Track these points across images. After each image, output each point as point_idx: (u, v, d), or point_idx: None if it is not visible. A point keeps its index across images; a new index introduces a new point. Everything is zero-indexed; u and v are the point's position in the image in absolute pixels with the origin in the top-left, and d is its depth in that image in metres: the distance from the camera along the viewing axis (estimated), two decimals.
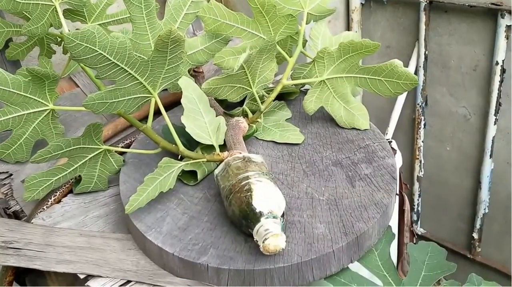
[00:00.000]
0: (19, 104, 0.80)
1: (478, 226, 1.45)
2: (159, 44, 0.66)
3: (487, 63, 1.25)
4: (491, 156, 1.32)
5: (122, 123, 0.95)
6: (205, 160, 0.75)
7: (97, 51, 0.62)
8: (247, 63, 0.77)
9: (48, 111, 0.83)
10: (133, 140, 0.92)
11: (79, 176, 0.82)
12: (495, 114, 1.26)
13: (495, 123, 1.27)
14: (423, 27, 1.30)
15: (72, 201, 0.83)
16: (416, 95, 1.42)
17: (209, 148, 0.81)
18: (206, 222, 0.72)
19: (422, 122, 1.45)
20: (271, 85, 0.89)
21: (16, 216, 0.84)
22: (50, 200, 0.82)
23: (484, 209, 1.42)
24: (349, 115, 0.88)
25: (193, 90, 0.79)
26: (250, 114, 0.86)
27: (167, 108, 0.92)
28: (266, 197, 0.66)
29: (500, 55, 1.18)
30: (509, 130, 1.28)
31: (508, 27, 1.15)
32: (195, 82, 0.91)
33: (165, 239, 0.69)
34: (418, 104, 1.42)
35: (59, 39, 1.01)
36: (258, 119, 0.86)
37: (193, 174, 0.79)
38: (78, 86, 1.01)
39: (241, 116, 0.86)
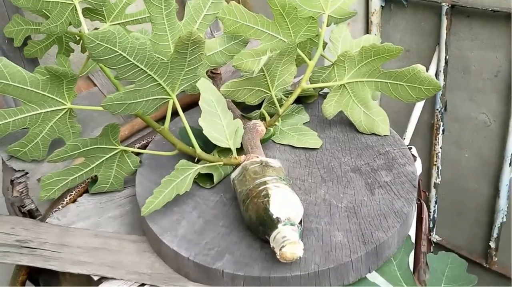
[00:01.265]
0: (37, 103, 0.80)
1: (495, 234, 1.43)
2: (179, 45, 0.65)
3: (510, 69, 1.23)
4: (510, 164, 1.30)
5: (139, 123, 0.95)
6: (222, 163, 0.74)
7: (117, 52, 0.61)
8: (266, 66, 0.76)
9: (65, 110, 0.82)
10: (150, 141, 0.91)
11: (95, 175, 0.81)
12: None
13: None
14: (444, 31, 1.28)
15: (88, 201, 0.83)
16: (435, 100, 1.39)
17: (226, 151, 0.80)
18: (222, 227, 0.71)
19: (441, 128, 1.42)
20: (289, 88, 0.88)
21: (31, 214, 0.84)
22: (65, 200, 0.82)
23: (502, 217, 1.39)
24: (369, 120, 0.87)
25: (211, 92, 0.78)
26: (267, 118, 0.85)
27: (184, 110, 0.92)
28: (284, 203, 0.64)
29: None
30: None
31: None
32: (213, 84, 0.90)
33: (181, 243, 0.69)
34: (437, 109, 1.40)
35: (77, 38, 1.01)
36: (276, 123, 0.85)
37: (209, 177, 0.78)
38: (96, 85, 1.01)
39: (258, 120, 0.85)
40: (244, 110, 0.90)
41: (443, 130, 1.43)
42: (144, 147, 0.91)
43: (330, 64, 0.88)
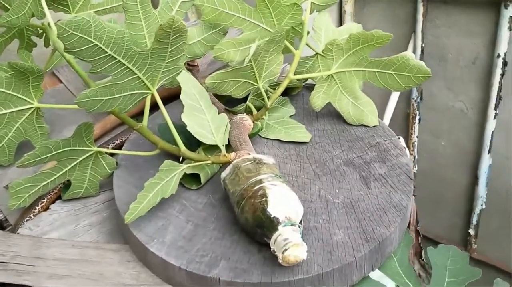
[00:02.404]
0: (1, 103, 0.73)
1: (474, 222, 1.42)
2: (160, 34, 0.59)
3: (488, 56, 1.22)
4: (489, 151, 1.29)
5: (112, 121, 0.88)
6: (210, 161, 0.69)
7: (93, 42, 0.55)
8: (254, 55, 0.71)
9: (32, 109, 0.75)
10: (124, 141, 0.85)
11: (68, 180, 0.74)
12: (495, 108, 1.23)
13: (494, 118, 1.24)
14: (420, 18, 1.26)
15: (61, 208, 0.76)
16: (411, 90, 1.38)
17: (212, 148, 0.75)
18: (213, 230, 0.66)
19: (417, 117, 1.41)
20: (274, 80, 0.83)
21: (1, 225, 0.76)
22: (37, 208, 0.75)
23: (481, 204, 1.39)
24: (357, 112, 0.83)
25: (193, 85, 0.72)
26: (254, 111, 0.80)
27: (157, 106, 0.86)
28: (283, 203, 0.60)
29: (502, 48, 1.15)
30: (509, 124, 1.25)
31: (511, 18, 1.11)
32: None
33: (170, 250, 0.63)
34: (413, 98, 1.38)
35: (40, 31, 0.93)
36: (264, 117, 0.80)
37: (195, 177, 0.73)
38: (61, 82, 0.93)
39: (244, 114, 0.80)
40: (227, 104, 0.85)
41: (419, 120, 1.41)
42: (119, 147, 0.84)
43: (314, 54, 0.84)
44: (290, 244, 0.56)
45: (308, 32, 0.87)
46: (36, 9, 0.79)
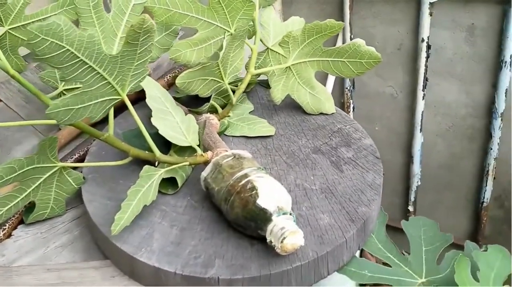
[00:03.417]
0: None
1: (412, 198, 1.51)
2: (130, 36, 0.57)
3: (411, 41, 1.30)
4: (421, 130, 1.38)
5: (65, 136, 0.83)
6: (187, 163, 0.68)
7: (64, 47, 0.52)
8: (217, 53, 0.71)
9: None
10: (83, 154, 0.80)
11: (30, 202, 0.69)
12: (423, 90, 1.32)
13: (423, 98, 1.33)
14: (347, 11, 1.32)
15: (26, 233, 0.70)
16: (344, 80, 1.44)
17: (183, 150, 0.73)
18: (200, 231, 0.65)
19: (351, 106, 1.47)
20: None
21: None
22: None
23: (417, 181, 1.48)
24: (315, 101, 0.85)
25: (157, 89, 0.71)
26: (219, 110, 0.79)
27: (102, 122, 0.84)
28: (272, 193, 0.60)
29: (425, 32, 1.24)
30: (436, 103, 1.35)
31: (431, 4, 1.20)
32: None
33: (160, 257, 0.61)
34: (347, 88, 1.44)
35: None
36: (230, 114, 0.80)
37: (170, 181, 0.71)
38: (0, 100, 0.86)
39: (208, 113, 0.79)
40: (186, 106, 0.83)
41: (353, 108, 1.48)
42: (79, 161, 0.80)
43: (264, 49, 0.86)
44: (287, 232, 0.57)
45: None
46: None
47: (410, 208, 1.54)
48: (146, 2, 0.76)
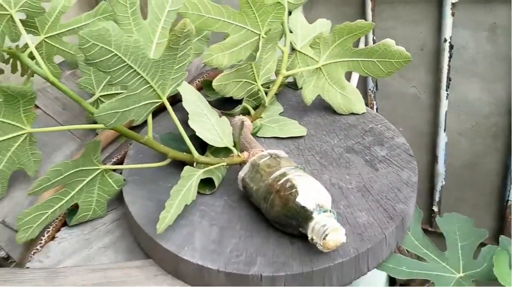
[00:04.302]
0: None
1: (437, 198, 1.51)
2: (172, 40, 0.59)
3: (434, 42, 1.31)
4: (444, 130, 1.38)
5: (102, 141, 0.85)
6: (224, 163, 0.69)
7: (112, 52, 0.54)
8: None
9: (25, 136, 0.71)
10: (121, 158, 0.82)
11: (72, 205, 0.71)
12: (446, 89, 1.32)
13: (446, 98, 1.33)
14: (369, 13, 1.33)
15: (69, 235, 0.72)
16: (367, 81, 1.44)
17: (217, 152, 0.75)
18: (240, 230, 0.66)
19: (375, 107, 1.48)
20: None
21: (0, 265, 0.71)
22: (43, 238, 0.71)
23: (442, 181, 1.48)
24: (345, 101, 0.87)
25: (192, 92, 0.72)
26: (252, 111, 0.81)
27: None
28: (312, 191, 0.61)
29: (447, 32, 1.24)
30: (459, 103, 1.35)
31: (453, 4, 1.21)
32: None
33: (203, 256, 0.62)
34: (370, 89, 1.45)
35: (6, 57, 0.88)
36: (262, 115, 0.81)
37: (207, 182, 0.72)
38: (38, 107, 0.89)
39: (241, 115, 0.81)
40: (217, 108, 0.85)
41: (376, 109, 1.49)
42: (118, 164, 0.82)
43: (292, 51, 0.87)
44: (329, 229, 0.58)
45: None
46: (10, 31, 0.75)
47: (435, 208, 1.53)
48: (180, 8, 0.78)
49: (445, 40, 1.26)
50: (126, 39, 0.55)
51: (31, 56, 0.79)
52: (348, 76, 1.43)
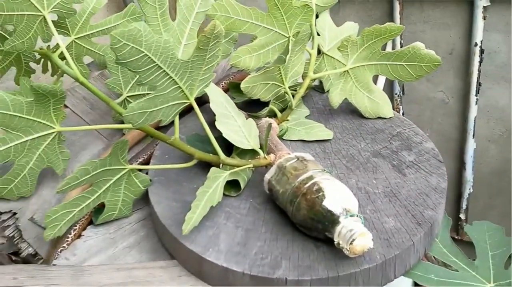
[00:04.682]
0: (21, 130, 0.69)
1: (464, 206, 1.48)
2: (202, 41, 0.59)
3: (463, 46, 1.28)
4: (473, 136, 1.35)
5: (130, 140, 0.86)
6: (251, 165, 0.69)
7: (143, 52, 0.54)
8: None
9: (54, 134, 0.72)
10: (147, 158, 0.83)
11: (98, 204, 0.72)
12: (476, 95, 1.29)
13: (476, 104, 1.30)
14: (397, 16, 1.31)
15: (95, 234, 0.73)
16: (393, 85, 1.43)
17: (243, 154, 0.75)
18: (265, 233, 0.65)
19: (401, 111, 1.46)
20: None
21: (27, 261, 0.72)
22: (69, 236, 0.71)
23: (469, 188, 1.45)
24: (373, 105, 0.85)
25: (219, 94, 0.72)
26: (279, 114, 0.80)
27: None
28: (339, 196, 0.61)
29: (478, 36, 1.22)
30: (489, 108, 1.32)
31: (484, 8, 1.18)
32: None
33: (228, 257, 0.62)
34: (396, 93, 1.43)
35: (37, 57, 0.90)
36: (288, 118, 0.81)
37: (232, 184, 0.72)
38: (67, 106, 0.90)
39: (267, 117, 0.80)
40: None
41: (403, 113, 1.46)
42: (143, 164, 0.82)
43: (320, 54, 0.86)
44: (356, 234, 0.57)
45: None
46: (42, 32, 0.77)
47: (462, 216, 1.50)
48: (208, 10, 0.78)
49: (476, 44, 1.23)
50: (157, 40, 0.55)
51: (62, 57, 0.81)
52: (375, 80, 1.42)
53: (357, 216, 0.59)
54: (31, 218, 0.73)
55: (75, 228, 0.72)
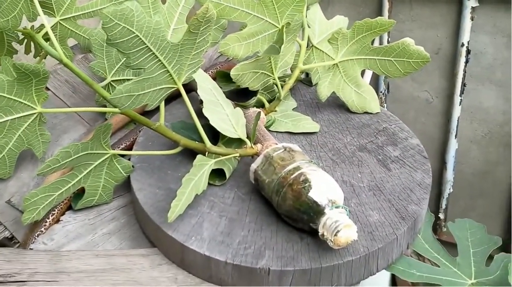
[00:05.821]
0: (1, 109, 0.67)
1: (444, 205, 1.49)
2: (193, 25, 0.58)
3: (450, 46, 1.29)
4: (456, 136, 1.37)
5: (113, 125, 0.84)
6: (237, 155, 0.68)
7: (134, 33, 0.53)
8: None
9: (35, 115, 0.70)
10: (130, 144, 0.81)
11: (78, 189, 0.70)
12: (460, 95, 1.30)
13: (460, 104, 1.32)
14: (386, 14, 1.32)
15: (74, 219, 0.71)
16: (378, 83, 1.43)
17: (229, 143, 0.74)
18: (249, 223, 0.65)
19: (386, 110, 1.46)
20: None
21: (3, 245, 0.70)
22: (48, 220, 0.69)
23: (449, 188, 1.46)
24: (360, 99, 0.85)
25: (207, 81, 0.71)
26: (267, 104, 0.79)
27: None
28: (325, 187, 0.60)
29: (465, 37, 1.23)
30: (473, 109, 1.33)
31: (473, 8, 1.19)
32: None
33: (211, 246, 0.61)
34: (381, 92, 1.44)
35: (21, 37, 0.87)
36: (276, 109, 0.80)
37: (217, 173, 0.71)
38: (48, 89, 0.88)
39: (254, 107, 0.80)
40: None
41: None
42: (127, 150, 0.80)
43: (309, 46, 0.86)
44: (341, 225, 0.56)
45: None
46: (28, 11, 0.74)
47: (441, 215, 1.51)
48: None
49: (462, 45, 1.24)
50: (148, 21, 0.54)
51: (46, 38, 0.78)
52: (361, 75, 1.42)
53: (342, 207, 0.59)
54: (9, 201, 0.71)
55: (53, 212, 0.70)
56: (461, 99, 1.31)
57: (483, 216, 1.46)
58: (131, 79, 0.82)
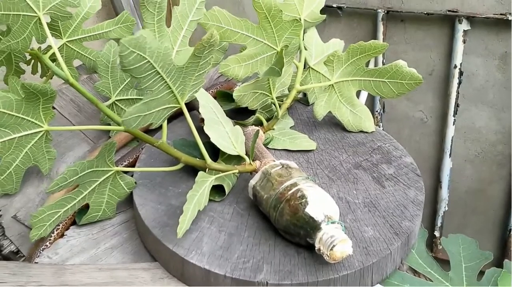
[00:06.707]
0: (10, 127, 0.70)
1: (439, 223, 1.52)
2: (198, 49, 0.61)
3: (443, 67, 1.33)
4: (450, 155, 1.39)
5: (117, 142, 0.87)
6: (236, 171, 0.70)
7: (146, 59, 0.56)
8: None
9: (42, 133, 0.73)
10: (132, 161, 0.83)
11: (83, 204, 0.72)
12: (453, 115, 1.33)
13: (453, 124, 1.35)
14: (381, 36, 1.36)
15: (78, 234, 0.73)
16: (374, 103, 1.46)
17: (229, 160, 0.76)
18: (248, 238, 0.67)
19: (381, 129, 1.49)
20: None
21: (9, 258, 0.72)
22: (52, 235, 0.71)
23: (445, 206, 1.49)
24: (356, 119, 0.88)
25: (208, 99, 0.74)
26: (265, 122, 0.82)
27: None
28: (322, 203, 0.63)
29: (458, 59, 1.26)
30: (466, 129, 1.37)
31: (465, 31, 1.23)
32: None
33: (211, 260, 0.63)
34: (377, 111, 1.47)
35: (28, 57, 0.90)
36: (274, 127, 0.83)
37: (217, 189, 0.73)
38: (54, 108, 0.91)
39: (253, 125, 0.82)
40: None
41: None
42: (129, 167, 0.83)
43: (305, 67, 0.89)
44: (337, 240, 0.59)
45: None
46: (37, 33, 0.78)
47: (436, 233, 1.54)
48: (201, 19, 0.81)
49: (455, 67, 1.28)
50: (159, 47, 0.56)
51: (52, 59, 0.82)
52: (357, 96, 1.46)
53: (338, 223, 0.61)
54: (14, 216, 0.73)
55: (58, 227, 0.72)
56: (454, 119, 1.35)
57: (476, 232, 1.48)
58: (136, 98, 0.86)
